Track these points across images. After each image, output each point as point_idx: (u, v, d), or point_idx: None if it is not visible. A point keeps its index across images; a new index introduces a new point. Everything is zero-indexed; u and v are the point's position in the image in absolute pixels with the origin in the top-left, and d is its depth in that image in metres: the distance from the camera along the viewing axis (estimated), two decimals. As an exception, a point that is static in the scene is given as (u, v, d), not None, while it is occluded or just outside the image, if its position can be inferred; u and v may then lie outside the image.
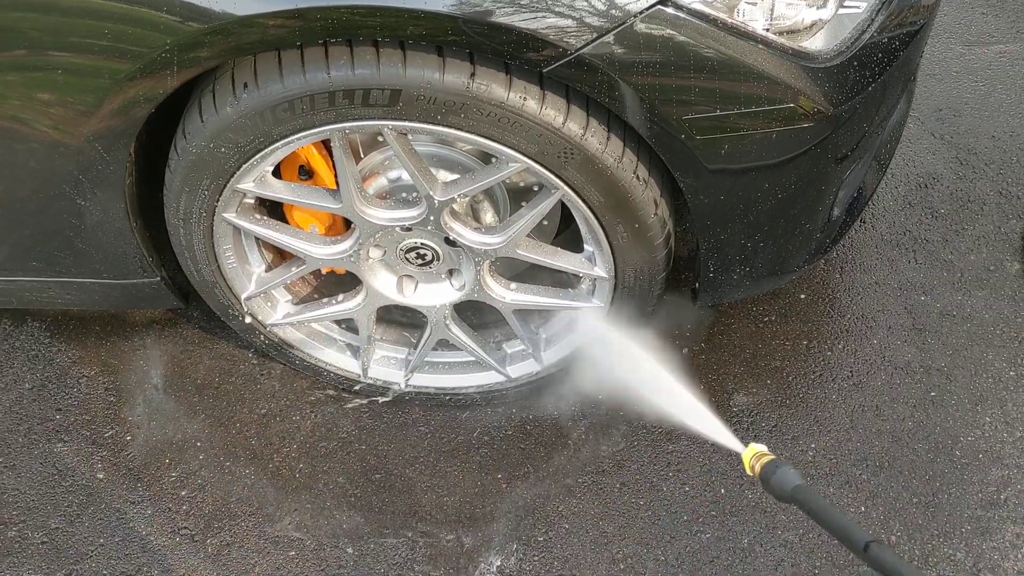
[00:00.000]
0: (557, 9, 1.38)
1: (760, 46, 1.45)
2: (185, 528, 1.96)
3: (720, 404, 2.07)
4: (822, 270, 2.28)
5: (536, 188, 1.72)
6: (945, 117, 2.58)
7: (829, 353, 2.14)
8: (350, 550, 1.92)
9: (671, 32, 1.41)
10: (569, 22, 1.39)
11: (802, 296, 2.24)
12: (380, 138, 1.66)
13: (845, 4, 1.56)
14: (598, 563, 1.88)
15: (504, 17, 1.38)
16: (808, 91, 1.50)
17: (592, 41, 1.39)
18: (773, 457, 1.41)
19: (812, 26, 1.52)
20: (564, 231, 1.92)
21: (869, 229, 2.35)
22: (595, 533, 1.92)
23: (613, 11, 1.39)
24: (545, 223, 1.85)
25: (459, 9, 1.37)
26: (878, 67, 1.58)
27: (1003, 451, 1.97)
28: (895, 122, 2.03)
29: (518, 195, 1.79)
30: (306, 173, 1.78)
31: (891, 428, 2.02)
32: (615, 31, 1.39)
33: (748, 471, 1.43)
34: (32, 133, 1.57)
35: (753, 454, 1.43)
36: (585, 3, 1.39)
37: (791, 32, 1.50)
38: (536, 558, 1.90)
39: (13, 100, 1.52)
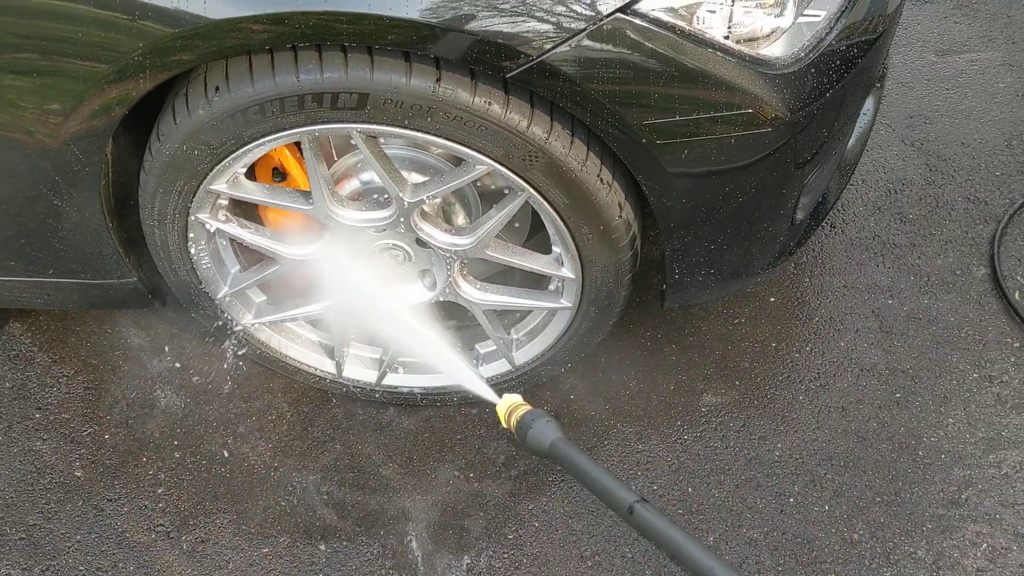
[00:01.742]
0: (519, 16, 1.42)
1: (719, 53, 1.49)
2: (161, 525, 1.99)
3: (690, 404, 2.11)
4: (791, 273, 2.32)
5: (506, 191, 1.75)
6: (916, 124, 2.62)
7: (797, 355, 2.18)
8: (323, 547, 1.95)
9: (631, 39, 1.44)
10: (531, 29, 1.42)
11: (771, 299, 2.28)
12: (353, 141, 1.69)
13: (805, 12, 1.60)
14: (567, 560, 1.91)
15: (470, 24, 1.41)
16: (766, 97, 1.54)
17: (553, 47, 1.43)
18: (530, 408, 1.33)
19: (771, 34, 1.56)
20: (537, 234, 1.95)
21: (839, 233, 2.39)
22: (564, 531, 1.95)
23: (574, 18, 1.42)
24: (517, 225, 1.88)
25: (433, 17, 1.40)
26: (836, 74, 1.62)
27: (965, 451, 2.01)
28: (862, 129, 2.07)
29: (489, 197, 1.83)
30: (280, 175, 1.82)
31: (856, 428, 2.06)
32: (575, 38, 1.43)
33: (503, 423, 1.35)
34: (8, 135, 1.60)
35: (509, 406, 1.34)
36: (546, 10, 1.42)
37: (750, 39, 1.54)
38: (506, 556, 1.93)
39: (-10, 102, 1.55)
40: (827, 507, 1.95)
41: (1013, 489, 1.95)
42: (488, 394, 1.63)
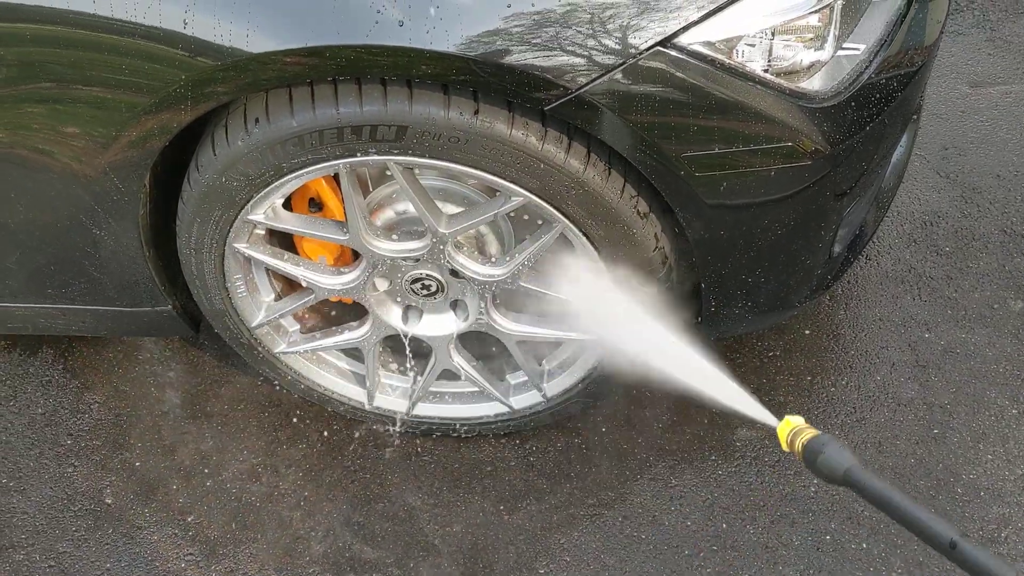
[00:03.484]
0: (559, 49, 1.42)
1: (758, 86, 1.49)
2: (190, 554, 1.99)
3: (724, 438, 2.09)
4: (827, 305, 2.30)
5: (540, 221, 1.75)
6: (950, 156, 2.60)
7: (832, 389, 2.15)
8: (352, 578, 1.94)
9: (670, 73, 1.44)
10: (570, 62, 1.42)
11: (807, 332, 2.26)
12: (388, 172, 1.70)
13: (844, 46, 1.60)
14: (598, 595, 1.89)
15: (508, 58, 1.42)
16: (806, 130, 1.53)
17: (592, 81, 1.43)
18: (817, 432, 1.20)
19: (811, 67, 1.55)
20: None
21: (873, 265, 2.37)
22: (596, 566, 1.93)
23: (613, 52, 1.43)
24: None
25: (468, 50, 1.41)
26: (876, 107, 1.62)
27: (1004, 488, 1.97)
28: (898, 161, 2.06)
29: (523, 228, 1.82)
30: (316, 205, 1.82)
31: (893, 464, 2.02)
32: (614, 71, 1.43)
33: (785, 447, 1.22)
34: (51, 164, 1.62)
35: (791, 428, 1.22)
36: (586, 43, 1.43)
37: (789, 73, 1.54)
38: (537, 589, 1.91)
39: (34, 132, 1.57)
40: (864, 545, 1.92)
41: (1056, 529, 1.91)
42: (764, 415, 1.55)
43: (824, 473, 1.17)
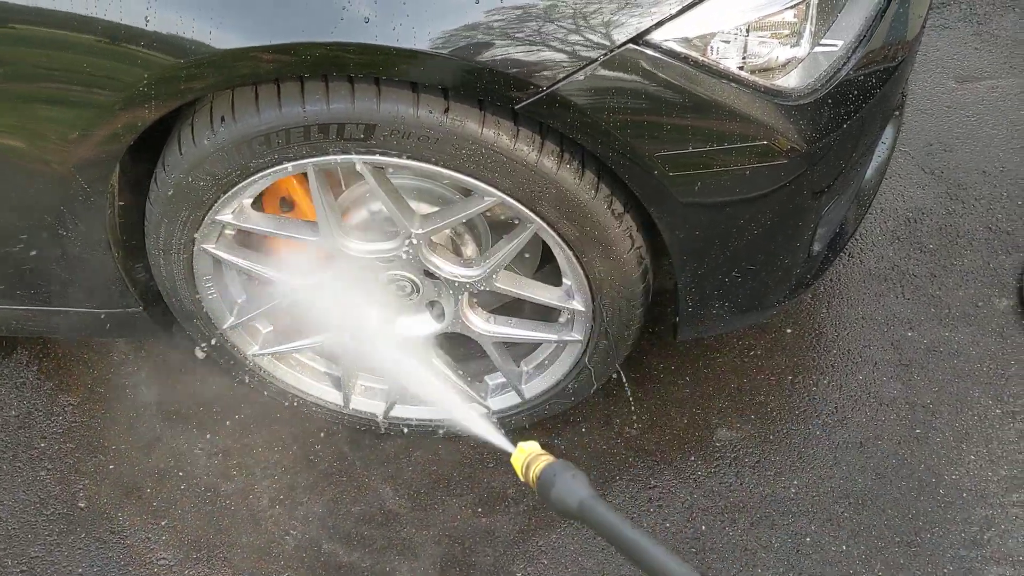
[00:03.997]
0: (530, 46, 1.40)
1: (733, 84, 1.46)
2: (164, 559, 1.96)
3: (704, 439, 2.06)
4: (808, 304, 2.28)
5: (516, 221, 1.72)
6: (935, 152, 2.58)
7: (814, 388, 2.13)
8: (328, 582, 1.92)
9: (643, 70, 1.41)
10: (541, 59, 1.40)
11: (788, 330, 2.24)
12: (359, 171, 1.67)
13: (822, 42, 1.57)
14: (576, 599, 1.87)
15: (478, 55, 1.39)
16: (782, 128, 1.51)
17: (564, 79, 1.40)
18: (552, 460, 1.14)
19: (787, 64, 1.53)
20: (547, 265, 1.92)
21: (856, 263, 2.35)
22: (574, 568, 1.90)
23: (584, 49, 1.40)
24: (527, 256, 1.85)
25: (436, 47, 1.38)
26: (855, 104, 1.59)
27: (987, 489, 1.96)
28: (880, 158, 2.03)
29: (499, 228, 1.80)
30: (288, 205, 1.79)
31: (875, 465, 2.00)
32: (586, 69, 1.40)
33: (521, 478, 1.16)
34: (16, 164, 1.59)
35: (526, 457, 1.16)
36: (558, 40, 1.40)
37: (765, 70, 1.51)
38: (514, 593, 1.89)
39: (-2, 132, 1.54)
40: (844, 547, 1.90)
41: (1038, 530, 1.90)
42: (501, 442, 1.55)
43: (558, 507, 1.08)
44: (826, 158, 1.60)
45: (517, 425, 2.03)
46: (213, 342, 1.92)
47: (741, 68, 1.48)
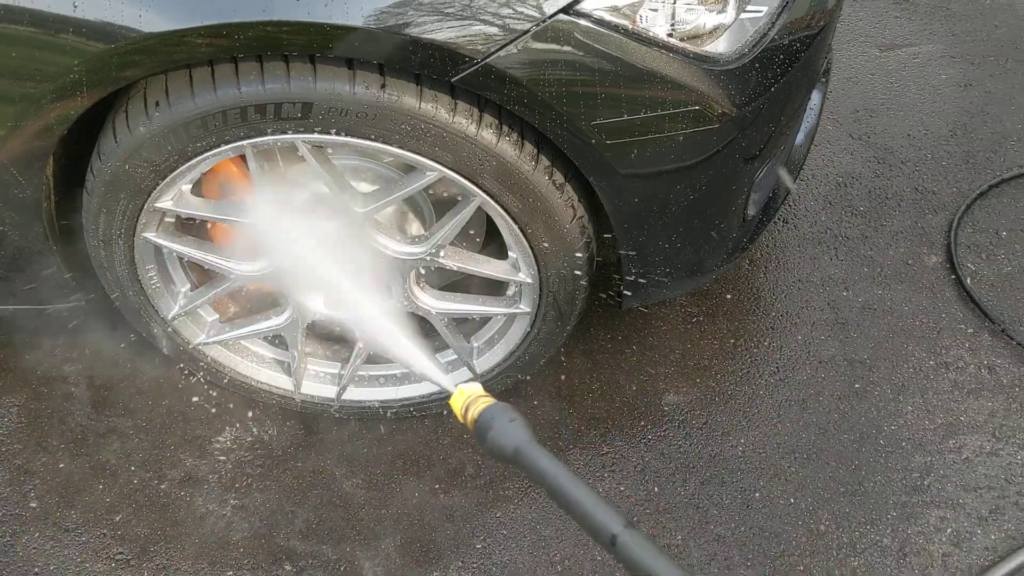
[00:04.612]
0: (462, 19, 1.41)
1: (663, 51, 1.50)
2: (121, 553, 1.94)
3: (652, 404, 2.11)
4: (746, 270, 2.34)
5: (459, 199, 1.74)
6: (861, 118, 2.66)
7: (755, 350, 2.19)
8: (288, 567, 1.92)
9: (575, 39, 1.44)
10: (474, 32, 1.42)
11: (728, 296, 2.29)
12: (299, 152, 1.67)
13: (747, 9, 1.61)
14: (536, 567, 1.89)
15: (411, 28, 1.40)
16: (712, 93, 1.55)
17: (497, 50, 1.42)
18: (492, 403, 1.10)
19: (714, 30, 1.57)
20: (493, 242, 1.94)
21: (791, 228, 2.41)
22: (532, 537, 1.94)
23: (516, 20, 1.42)
24: (471, 232, 1.87)
25: (369, 22, 1.39)
26: (780, 69, 1.64)
27: (925, 438, 2.03)
28: (809, 125, 2.09)
29: (442, 206, 1.81)
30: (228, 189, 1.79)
31: (817, 420, 2.07)
32: (519, 40, 1.42)
33: (459, 419, 1.13)
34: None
35: (466, 398, 1.11)
36: (489, 13, 1.42)
37: (693, 37, 1.55)
38: (475, 566, 1.91)
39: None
40: (792, 500, 1.96)
41: (974, 473, 1.97)
42: (442, 380, 1.50)
43: (494, 451, 1.05)
44: (756, 122, 1.64)
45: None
46: (158, 333, 1.90)
47: (670, 35, 1.52)
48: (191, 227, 1.82)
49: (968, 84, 2.74)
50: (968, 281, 2.27)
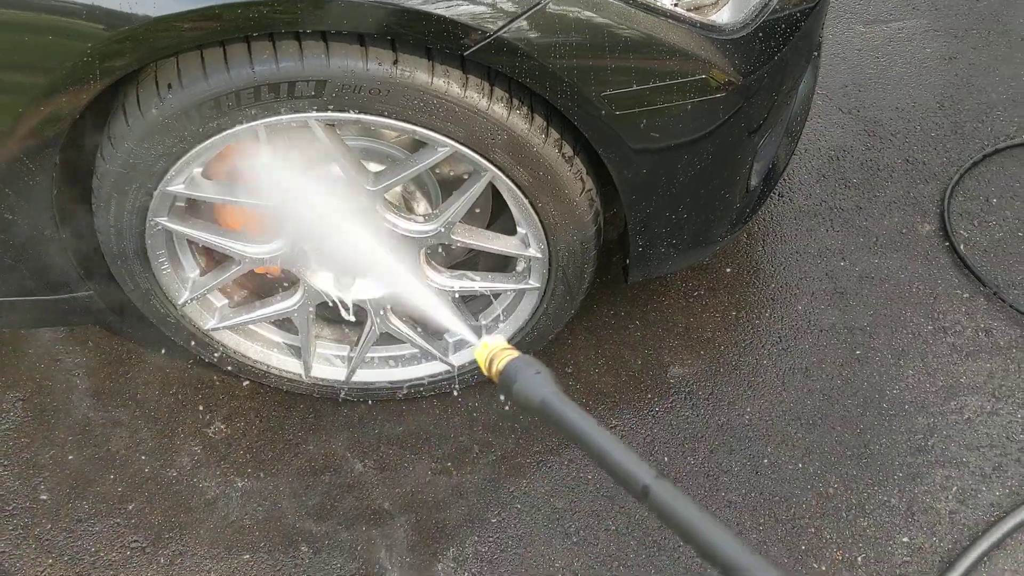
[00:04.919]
0: (474, -6, 1.43)
1: (670, 20, 1.52)
2: (135, 541, 1.94)
3: (658, 377, 2.14)
4: (745, 244, 2.37)
5: (466, 177, 1.76)
6: (850, 92, 2.69)
7: (757, 321, 2.22)
8: (304, 548, 1.93)
9: (583, 11, 1.46)
10: (485, 6, 1.43)
11: (728, 270, 2.32)
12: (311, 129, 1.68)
13: (748, -21, 1.64)
14: (551, 538, 1.92)
15: (425, 2, 1.42)
16: (718, 62, 1.57)
17: (508, 24, 1.44)
18: (517, 355, 1.12)
19: (717, 0, 1.59)
20: (497, 220, 1.95)
21: (787, 202, 2.45)
22: (547, 510, 1.96)
23: (528, -8, 1.44)
24: (477, 211, 1.89)
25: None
26: (782, 38, 1.67)
27: (927, 400, 2.07)
28: (803, 95, 2.12)
29: (449, 186, 1.83)
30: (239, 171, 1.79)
31: (821, 387, 2.10)
32: (529, 13, 1.44)
33: (484, 371, 1.14)
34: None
35: (490, 350, 1.12)
36: (500, -13, 1.43)
37: (697, 7, 1.57)
38: (491, 540, 1.93)
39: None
40: (800, 464, 1.99)
41: (976, 432, 2.01)
42: (466, 333, 1.51)
43: (520, 402, 1.06)
44: (760, 91, 1.67)
45: (480, 379, 2.07)
46: (170, 320, 1.90)
47: (676, 4, 1.54)
48: (199, 212, 1.82)
49: (952, 57, 2.78)
50: (961, 247, 2.31)
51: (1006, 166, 2.49)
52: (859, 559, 1.86)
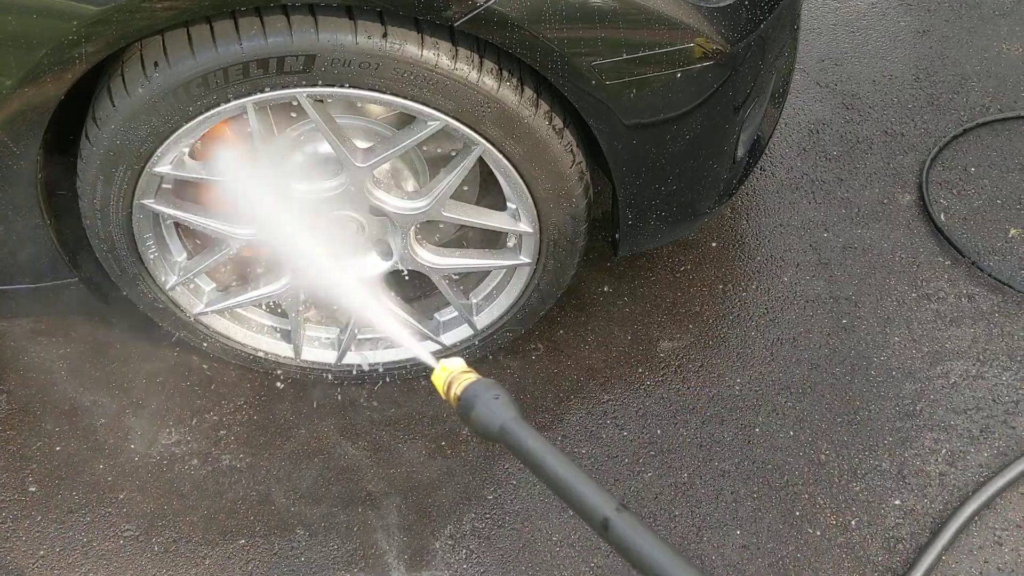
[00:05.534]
0: (463, -36, 1.42)
1: (657, -10, 1.52)
2: (128, 530, 1.93)
3: (648, 351, 2.15)
4: (729, 218, 2.38)
5: (454, 154, 1.75)
6: (827, 67, 2.72)
7: (744, 294, 2.24)
8: (300, 531, 1.92)
9: (574, -20, 1.46)
10: (476, -24, 1.43)
11: (713, 244, 2.34)
12: (293, 115, 1.67)
13: (732, -51, 1.64)
14: (548, 512, 1.92)
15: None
16: (706, 31, 1.58)
17: (499, -7, 1.43)
18: (475, 379, 1.07)
19: (704, -30, 1.60)
20: (486, 197, 1.95)
21: (769, 176, 2.47)
22: (542, 486, 1.96)
23: (517, -38, 1.43)
24: (466, 188, 1.88)
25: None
26: (768, 6, 1.68)
27: (913, 366, 2.10)
28: (786, 67, 2.14)
29: (437, 164, 1.82)
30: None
31: (809, 356, 2.12)
32: (521, -19, 1.43)
33: (442, 396, 1.10)
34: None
35: (449, 374, 1.08)
36: (489, -43, 1.43)
37: (685, -24, 1.58)
38: (488, 516, 1.93)
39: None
40: (792, 433, 2.01)
41: (962, 396, 2.04)
42: (424, 357, 1.48)
43: (478, 429, 1.02)
44: (746, 60, 1.68)
45: (471, 357, 2.07)
46: (158, 305, 1.88)
47: (664, -26, 1.54)
48: (185, 194, 1.80)
49: (925, 31, 2.81)
50: (941, 217, 2.34)
51: (983, 136, 2.53)
52: (853, 523, 1.88)
